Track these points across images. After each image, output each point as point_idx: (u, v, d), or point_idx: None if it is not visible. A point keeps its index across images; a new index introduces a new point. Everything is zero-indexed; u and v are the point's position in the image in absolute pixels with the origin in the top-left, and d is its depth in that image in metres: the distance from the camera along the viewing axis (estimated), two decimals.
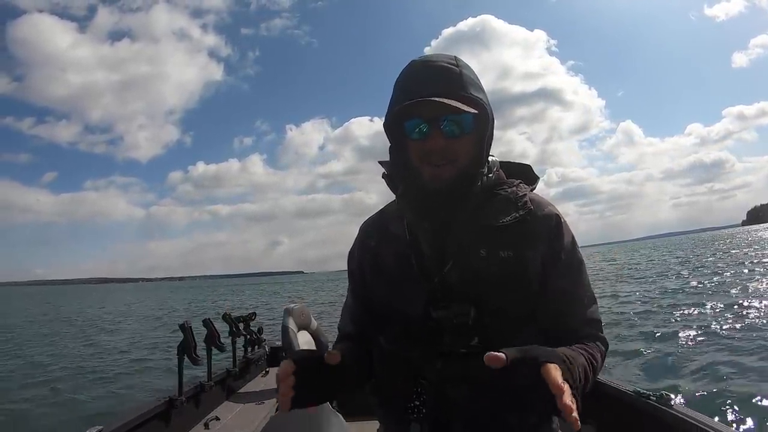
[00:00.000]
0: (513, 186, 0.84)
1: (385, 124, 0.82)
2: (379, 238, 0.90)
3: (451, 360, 0.76)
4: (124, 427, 1.97)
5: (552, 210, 0.83)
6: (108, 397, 6.44)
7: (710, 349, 6.02)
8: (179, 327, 2.60)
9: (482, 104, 0.77)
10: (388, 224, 0.90)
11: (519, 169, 0.91)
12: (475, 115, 0.75)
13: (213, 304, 26.99)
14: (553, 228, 0.81)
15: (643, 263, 29.17)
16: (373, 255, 0.90)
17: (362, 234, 0.96)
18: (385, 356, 0.85)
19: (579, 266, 0.82)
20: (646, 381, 4.99)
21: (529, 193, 0.84)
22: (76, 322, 19.29)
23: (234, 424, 2.68)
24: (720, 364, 5.33)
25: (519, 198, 0.81)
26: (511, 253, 0.78)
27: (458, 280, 0.78)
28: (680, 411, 1.46)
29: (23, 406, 6.24)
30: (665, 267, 22.86)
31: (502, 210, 0.80)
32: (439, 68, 0.78)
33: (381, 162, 0.88)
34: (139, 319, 19.73)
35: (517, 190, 0.83)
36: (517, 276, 0.77)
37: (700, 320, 8.19)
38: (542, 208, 0.82)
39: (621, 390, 1.74)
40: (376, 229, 0.92)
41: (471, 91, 0.76)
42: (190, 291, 62.06)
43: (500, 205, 0.81)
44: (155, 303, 33.27)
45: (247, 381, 3.56)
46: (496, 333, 0.75)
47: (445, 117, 0.75)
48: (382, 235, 0.90)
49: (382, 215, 0.94)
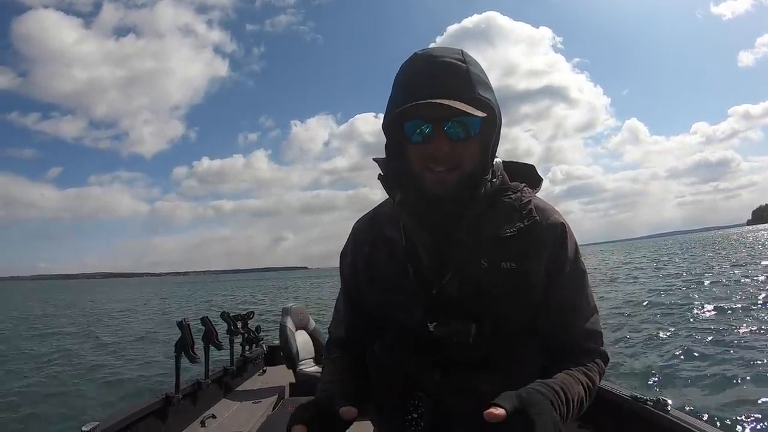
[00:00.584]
0: (517, 191, 0.79)
1: (384, 125, 0.75)
2: (374, 243, 0.84)
3: (451, 371, 0.74)
4: (121, 424, 1.97)
5: (557, 218, 0.78)
6: (106, 394, 6.43)
7: (709, 354, 6.02)
8: (177, 324, 2.60)
9: (491, 106, 0.70)
10: (383, 227, 0.84)
11: (522, 170, 0.85)
12: (483, 117, 0.69)
13: (223, 299, 26.86)
14: (558, 237, 0.77)
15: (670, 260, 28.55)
16: (367, 261, 0.84)
17: (355, 237, 0.89)
18: (381, 366, 0.81)
19: (582, 277, 0.79)
20: (644, 386, 4.98)
21: (534, 199, 0.80)
22: (82, 317, 19.23)
23: (231, 423, 2.68)
24: (718, 368, 5.33)
25: (524, 205, 0.77)
26: (514, 264, 0.73)
27: (458, 292, 0.74)
28: (677, 416, 1.47)
29: (20, 401, 6.24)
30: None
31: (506, 218, 0.75)
32: (444, 65, 0.70)
33: (376, 159, 0.82)
34: (145, 314, 19.66)
35: (521, 196, 0.78)
36: (519, 288, 0.73)
37: (704, 322, 8.18)
38: (547, 217, 0.77)
39: (619, 395, 1.75)
40: (371, 233, 0.86)
41: (479, 91, 0.69)
42: (195, 286, 61.94)
43: (504, 213, 0.76)
44: (161, 298, 33.16)
45: (245, 379, 3.56)
46: (496, 345, 0.73)
47: (451, 119, 0.69)
48: (377, 239, 0.84)
49: (375, 217, 0.88)
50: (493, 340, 0.73)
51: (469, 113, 0.66)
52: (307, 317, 3.68)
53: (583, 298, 0.79)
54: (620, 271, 23.07)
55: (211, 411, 2.78)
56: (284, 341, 3.32)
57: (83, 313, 21.99)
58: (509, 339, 0.74)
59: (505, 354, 0.74)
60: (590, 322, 0.79)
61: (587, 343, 0.78)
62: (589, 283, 0.82)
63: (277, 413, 2.05)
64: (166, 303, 26.98)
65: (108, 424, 1.89)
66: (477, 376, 0.73)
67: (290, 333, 3.35)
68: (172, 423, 2.42)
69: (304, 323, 3.62)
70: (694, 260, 26.24)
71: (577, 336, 0.77)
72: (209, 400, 2.91)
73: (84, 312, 22.52)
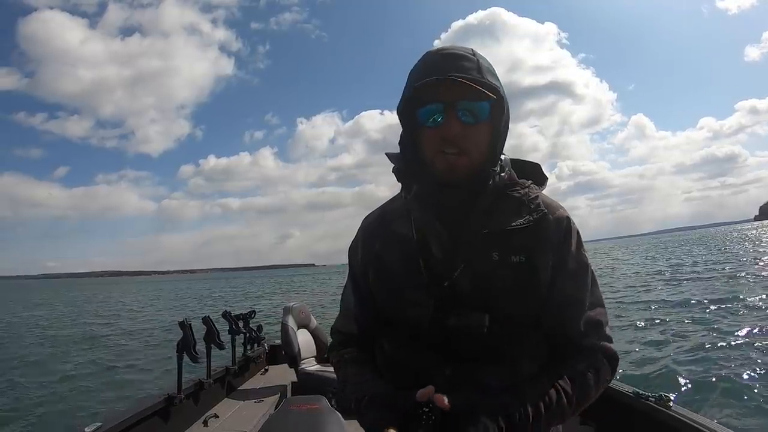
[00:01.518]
0: (525, 187, 0.81)
1: (398, 110, 0.77)
2: (384, 239, 0.85)
3: (461, 366, 0.75)
4: (123, 424, 1.97)
5: (563, 213, 0.80)
6: (107, 393, 6.45)
7: (710, 350, 6.02)
8: (179, 324, 2.60)
9: (499, 92, 0.73)
10: (392, 223, 0.85)
11: (528, 168, 0.87)
12: (492, 104, 0.73)
13: (242, 295, 26.84)
14: (563, 232, 0.78)
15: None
16: (378, 257, 0.85)
17: (365, 234, 0.90)
18: (391, 362, 0.82)
19: (585, 270, 0.80)
20: (645, 382, 4.98)
21: (541, 195, 0.81)
22: (87, 317, 19.25)
23: (233, 422, 2.69)
24: (720, 365, 5.33)
25: (532, 200, 0.79)
26: (523, 257, 0.75)
27: (469, 284, 0.75)
28: (679, 412, 1.47)
29: (20, 400, 6.26)
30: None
31: (515, 212, 0.77)
32: (455, 55, 0.74)
33: (389, 154, 0.83)
34: (154, 312, 19.65)
35: (529, 191, 0.80)
36: (528, 281, 0.75)
37: (707, 319, 8.18)
38: (554, 211, 0.79)
39: (620, 391, 1.75)
40: (381, 229, 0.87)
41: (488, 77, 0.73)
42: (206, 283, 61.91)
43: (513, 207, 0.78)
44: (170, 296, 33.20)
45: (247, 379, 3.57)
46: (505, 339, 0.74)
47: (462, 102, 0.72)
48: (387, 235, 0.85)
49: (384, 213, 0.89)
50: (502, 333, 0.74)
51: (480, 92, 0.70)
52: (309, 316, 3.68)
53: (586, 292, 0.79)
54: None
55: (213, 410, 2.79)
56: (286, 340, 3.32)
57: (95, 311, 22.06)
58: (517, 333, 0.75)
59: (513, 348, 0.75)
60: (592, 316, 0.78)
61: (587, 340, 0.77)
62: (595, 279, 0.81)
63: (279, 412, 2.06)
64: (182, 302, 26.98)
65: (110, 425, 1.89)
66: (486, 370, 0.74)
67: (292, 332, 3.35)
68: (174, 423, 2.43)
69: (306, 322, 3.62)
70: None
71: (577, 331, 0.77)
72: (211, 400, 2.91)
73: (112, 310, 22.58)
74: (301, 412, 1.52)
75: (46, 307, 26.76)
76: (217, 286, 47.38)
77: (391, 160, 0.83)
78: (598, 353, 0.77)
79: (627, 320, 8.75)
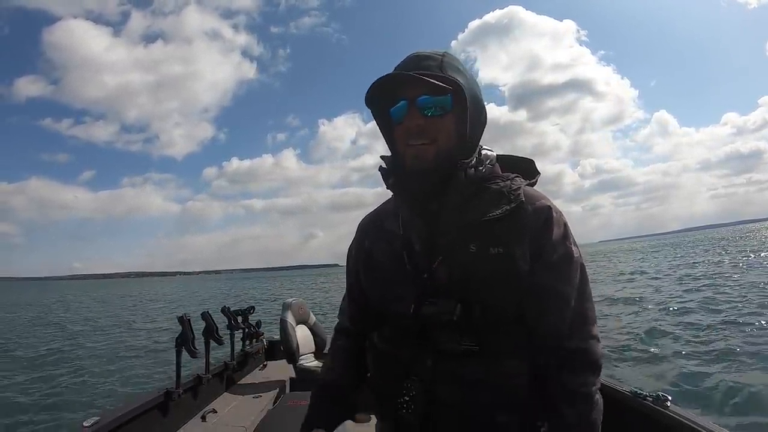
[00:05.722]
0: (507, 180, 0.81)
1: (373, 113, 0.83)
2: (374, 236, 0.90)
3: (443, 358, 0.76)
4: (122, 419, 1.97)
5: (544, 203, 0.79)
6: (106, 387, 6.47)
7: (709, 350, 6.03)
8: (178, 319, 2.60)
9: (457, 84, 0.74)
10: (384, 221, 0.89)
11: (520, 164, 0.87)
12: (454, 95, 0.75)
13: (269, 294, 27.07)
14: (543, 221, 0.77)
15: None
16: (367, 254, 0.90)
17: (359, 232, 0.95)
18: (378, 354, 0.86)
19: (569, 262, 0.77)
20: (643, 381, 4.99)
21: (525, 187, 0.81)
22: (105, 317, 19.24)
23: (231, 417, 2.69)
24: (718, 365, 5.34)
25: (512, 191, 0.78)
26: (501, 249, 0.75)
27: (447, 276, 0.77)
28: (677, 412, 1.46)
29: (19, 396, 6.28)
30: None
31: (493, 203, 0.77)
32: (422, 56, 0.78)
33: (383, 157, 0.86)
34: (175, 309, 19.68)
35: (511, 183, 0.80)
36: (507, 273, 0.74)
37: (708, 317, 8.18)
38: (534, 201, 0.78)
39: (618, 390, 1.74)
40: (372, 227, 0.92)
41: (449, 73, 0.75)
42: (229, 283, 62.10)
43: (491, 199, 0.78)
44: (192, 295, 33.31)
45: (245, 374, 3.58)
46: (487, 332, 0.75)
47: (422, 97, 0.75)
48: (377, 232, 0.89)
49: (378, 212, 0.93)
50: (483, 327, 0.74)
51: (437, 87, 0.72)
52: (308, 312, 3.69)
53: (570, 286, 0.77)
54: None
55: (211, 405, 2.80)
56: (284, 336, 3.33)
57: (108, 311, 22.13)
58: (498, 327, 0.75)
59: (495, 343, 0.75)
60: (578, 312, 0.77)
61: (571, 342, 0.76)
62: (585, 274, 0.80)
63: (277, 408, 2.06)
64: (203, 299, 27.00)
65: (108, 419, 1.89)
66: (466, 364, 0.75)
67: (291, 328, 3.36)
68: (173, 417, 2.43)
69: (305, 318, 3.63)
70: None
71: (561, 329, 0.76)
72: (210, 395, 2.92)
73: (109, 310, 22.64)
74: (299, 408, 1.52)
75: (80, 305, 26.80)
76: (241, 286, 47.52)
77: (384, 162, 0.85)
78: (587, 367, 0.76)
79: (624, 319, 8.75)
